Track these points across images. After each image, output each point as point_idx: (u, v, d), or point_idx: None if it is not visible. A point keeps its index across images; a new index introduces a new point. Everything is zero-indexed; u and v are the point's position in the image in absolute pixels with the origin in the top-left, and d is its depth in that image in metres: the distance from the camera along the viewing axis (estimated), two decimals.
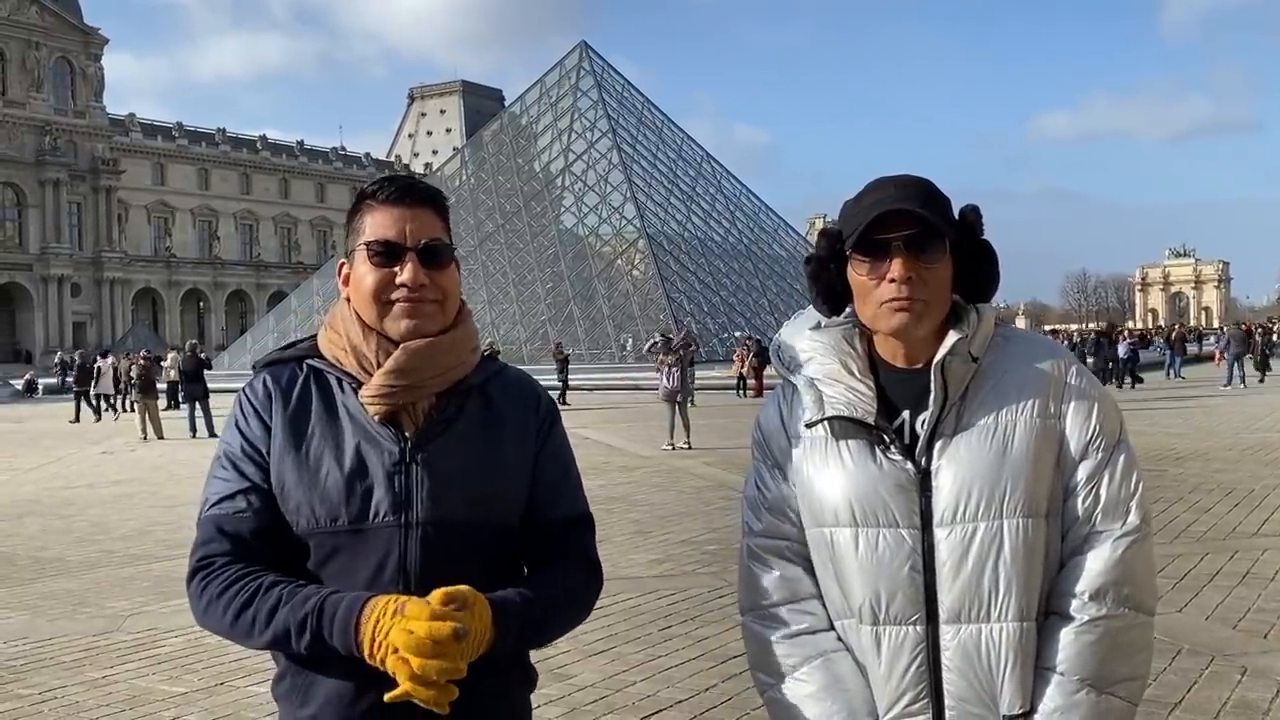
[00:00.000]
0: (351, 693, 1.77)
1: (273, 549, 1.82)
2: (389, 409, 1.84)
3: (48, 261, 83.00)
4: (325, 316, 1.98)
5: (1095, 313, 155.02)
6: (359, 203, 1.91)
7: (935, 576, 1.74)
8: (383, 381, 1.83)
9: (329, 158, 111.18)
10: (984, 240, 1.82)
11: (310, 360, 1.92)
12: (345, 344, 1.88)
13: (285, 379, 1.90)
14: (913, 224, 1.74)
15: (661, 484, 13.41)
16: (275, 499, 1.83)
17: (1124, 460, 1.80)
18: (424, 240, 1.85)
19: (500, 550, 1.88)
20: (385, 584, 1.77)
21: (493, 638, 1.73)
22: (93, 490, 14.64)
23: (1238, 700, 5.06)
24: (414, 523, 1.80)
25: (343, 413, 1.86)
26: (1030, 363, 1.81)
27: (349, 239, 1.91)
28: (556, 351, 34.06)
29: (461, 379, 1.89)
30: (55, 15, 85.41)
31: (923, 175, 1.84)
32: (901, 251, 1.74)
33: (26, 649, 6.58)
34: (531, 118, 60.07)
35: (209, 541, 1.82)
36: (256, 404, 1.88)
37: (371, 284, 1.84)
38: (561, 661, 5.93)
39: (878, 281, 1.76)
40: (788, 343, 1.92)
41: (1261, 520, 9.62)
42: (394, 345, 1.85)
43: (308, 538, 1.81)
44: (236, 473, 1.84)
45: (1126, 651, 1.74)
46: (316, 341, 1.94)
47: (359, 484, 1.80)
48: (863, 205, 1.79)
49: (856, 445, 1.79)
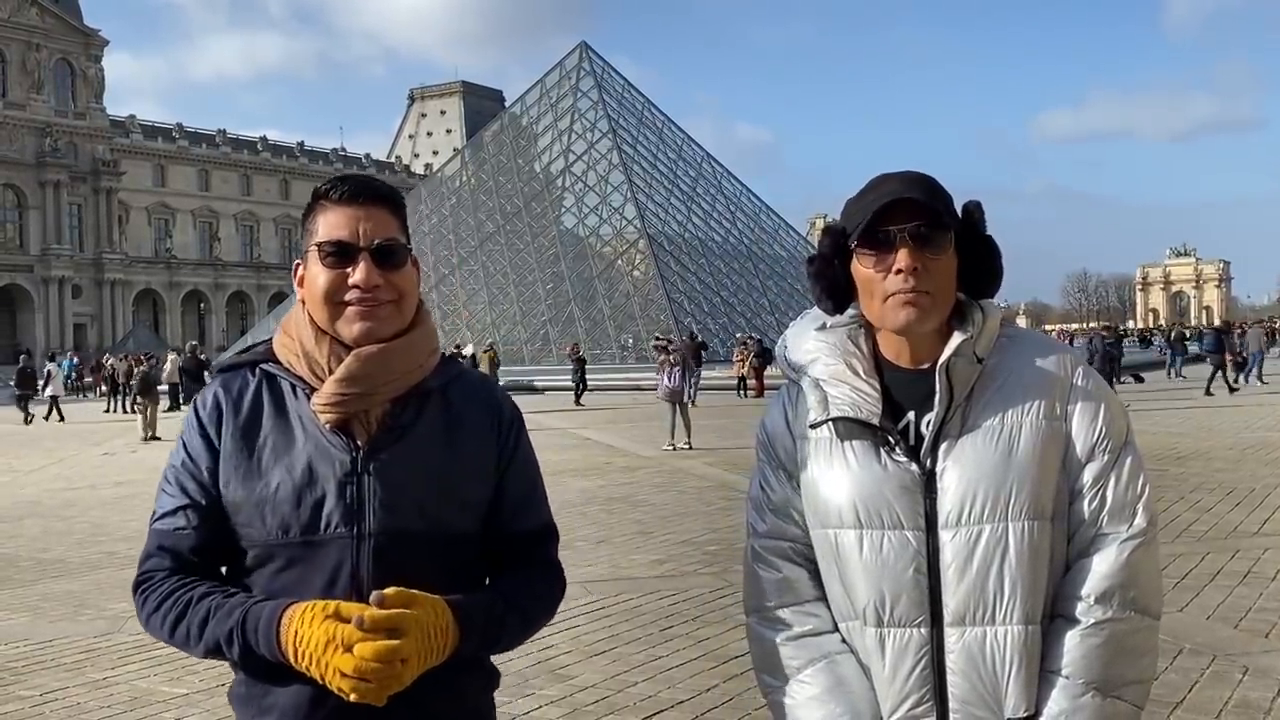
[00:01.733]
0: (308, 698, 1.75)
1: (214, 563, 1.83)
2: (340, 417, 1.80)
3: (48, 263, 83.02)
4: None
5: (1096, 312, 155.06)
6: (313, 202, 1.87)
7: (940, 579, 1.74)
8: (334, 389, 1.79)
9: (329, 159, 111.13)
10: (987, 235, 1.81)
11: (264, 365, 1.88)
12: (298, 348, 1.84)
13: (237, 387, 1.86)
14: (918, 215, 1.74)
15: (663, 484, 13.41)
16: (216, 515, 1.81)
17: (1131, 462, 1.78)
18: (378, 240, 1.81)
19: (459, 558, 1.84)
20: (338, 596, 1.74)
21: (456, 640, 1.71)
22: (94, 492, 14.64)
23: (1239, 700, 5.06)
24: (367, 533, 1.77)
25: (294, 420, 1.82)
26: (1036, 364, 1.80)
27: (303, 240, 1.88)
28: (572, 351, 33.92)
29: (419, 382, 1.85)
30: (55, 17, 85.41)
31: (924, 173, 1.84)
32: (907, 242, 1.74)
33: (28, 650, 6.58)
34: (532, 118, 60.05)
35: (150, 556, 1.83)
36: (203, 418, 1.85)
37: (324, 285, 1.80)
38: (563, 662, 5.93)
39: (884, 274, 1.75)
40: (793, 343, 1.91)
41: (1263, 519, 9.61)
42: (346, 350, 1.80)
43: (260, 549, 1.79)
44: (178, 488, 1.83)
45: (1132, 655, 1.73)
46: (272, 346, 1.90)
47: (309, 495, 1.77)
48: (866, 199, 1.78)
49: (861, 446, 1.78)
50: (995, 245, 1.82)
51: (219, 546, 1.82)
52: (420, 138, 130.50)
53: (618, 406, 29.34)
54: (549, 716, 5.13)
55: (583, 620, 6.82)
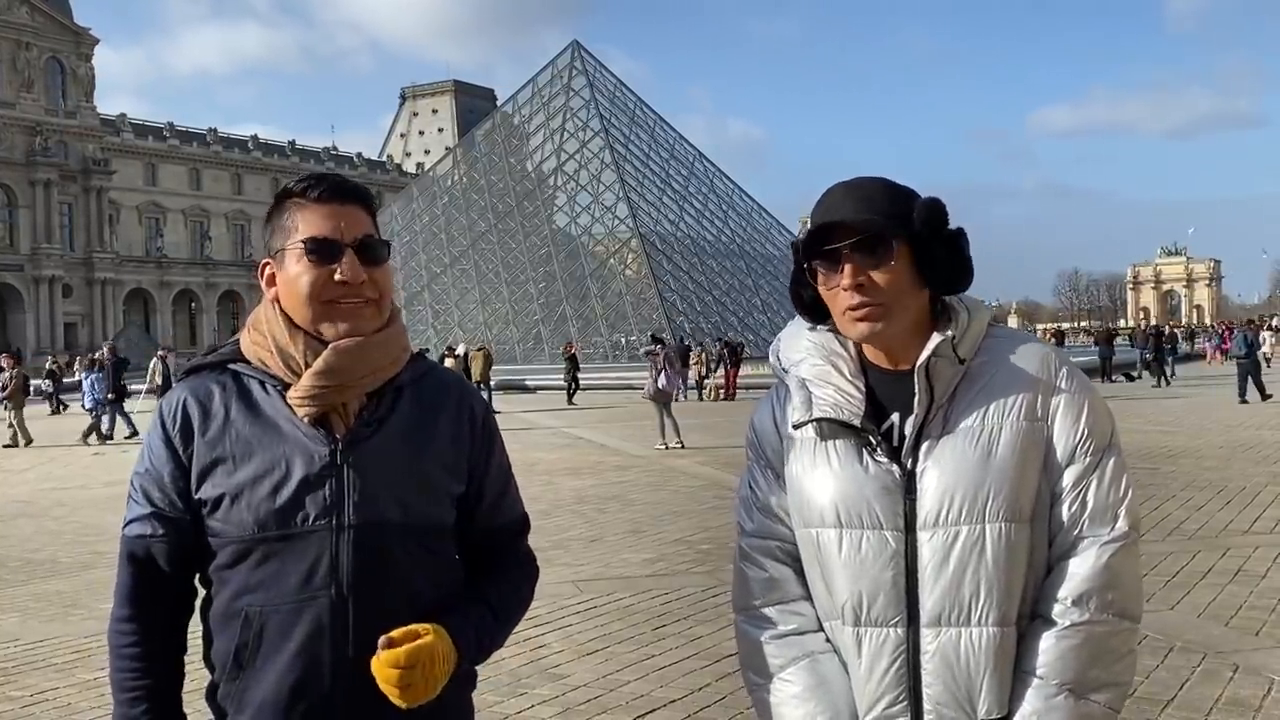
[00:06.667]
0: (286, 698, 1.79)
1: (184, 569, 1.87)
2: (318, 410, 1.81)
3: (39, 262, 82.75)
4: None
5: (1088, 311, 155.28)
6: (282, 201, 1.88)
7: (917, 579, 1.74)
8: (312, 382, 1.80)
9: (320, 158, 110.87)
10: (951, 231, 1.80)
11: (233, 365, 1.88)
12: (270, 345, 1.84)
13: (204, 391, 1.86)
14: (856, 231, 1.74)
15: (655, 483, 13.42)
16: (182, 520, 1.83)
17: (1113, 465, 1.77)
18: (359, 236, 1.83)
19: (436, 548, 1.88)
20: (315, 588, 1.78)
21: (457, 661, 1.78)
22: (85, 491, 14.60)
23: (1230, 697, 5.08)
24: (345, 525, 1.79)
25: (269, 417, 1.83)
26: (1019, 364, 1.79)
27: (272, 239, 1.87)
28: (566, 350, 33.91)
29: (393, 377, 1.88)
30: (46, 15, 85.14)
31: (912, 175, 1.84)
32: (850, 258, 1.74)
33: (18, 651, 6.57)
34: (524, 117, 60.09)
35: (122, 569, 1.87)
36: (168, 423, 1.85)
37: (308, 283, 1.80)
38: (555, 661, 5.93)
39: (835, 291, 1.77)
40: (786, 343, 1.92)
41: (1253, 518, 9.65)
42: (322, 345, 1.81)
43: (237, 545, 1.80)
44: (143, 495, 1.85)
45: (1108, 658, 1.72)
46: (239, 346, 1.90)
47: (286, 488, 1.78)
48: (814, 216, 1.80)
49: (844, 447, 1.79)
50: (963, 239, 1.80)
51: (187, 552, 1.85)
52: (412, 136, 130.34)
53: (610, 406, 29.34)
54: (541, 716, 5.13)
55: (575, 619, 6.83)
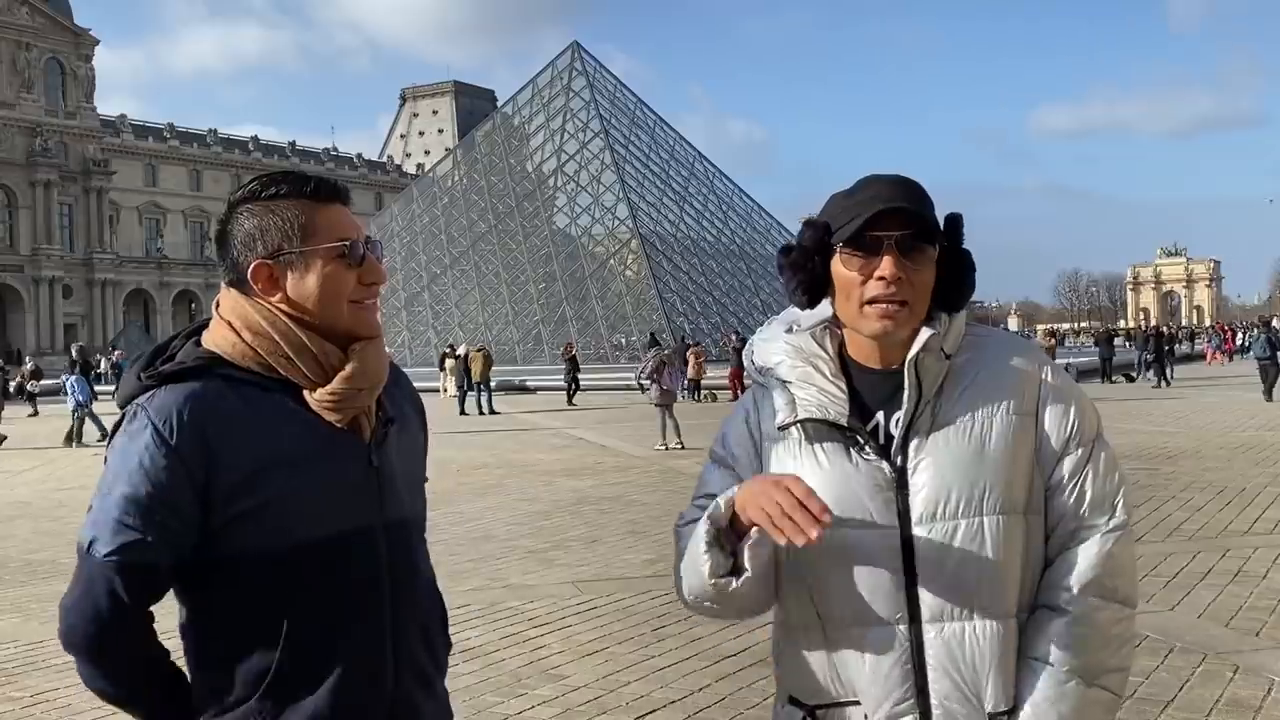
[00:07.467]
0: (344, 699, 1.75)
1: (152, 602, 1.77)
2: (353, 413, 1.79)
3: (39, 263, 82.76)
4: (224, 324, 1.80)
5: (1088, 312, 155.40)
6: (283, 198, 1.78)
7: (916, 576, 1.74)
8: (347, 385, 1.76)
9: (321, 159, 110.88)
10: (964, 249, 1.82)
11: (223, 372, 1.75)
12: (283, 349, 1.75)
13: (206, 399, 1.72)
14: (907, 224, 1.74)
15: (654, 484, 13.43)
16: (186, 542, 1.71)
17: (1105, 457, 1.81)
18: (368, 236, 1.83)
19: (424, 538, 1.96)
20: (365, 591, 1.77)
21: None
22: (85, 492, 14.46)
23: (1229, 698, 5.08)
24: (386, 524, 1.81)
25: (292, 424, 1.74)
26: (1005, 361, 1.81)
27: (285, 240, 1.76)
28: (566, 351, 33.93)
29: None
30: (46, 16, 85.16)
31: (911, 175, 1.83)
32: (893, 250, 1.74)
33: (18, 652, 6.57)
34: (524, 118, 60.09)
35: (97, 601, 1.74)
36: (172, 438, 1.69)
37: (347, 284, 1.78)
38: (555, 662, 5.93)
39: (865, 279, 1.76)
40: (761, 347, 1.91)
41: (1253, 519, 9.65)
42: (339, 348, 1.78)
43: (275, 558, 1.72)
44: (142, 519, 1.70)
45: (1115, 644, 1.76)
46: (208, 350, 1.77)
47: (334, 493, 1.75)
48: (855, 201, 1.78)
49: (831, 447, 1.79)
50: (970, 260, 1.82)
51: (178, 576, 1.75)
52: (412, 137, 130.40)
53: (610, 406, 29.34)
54: (541, 716, 5.13)
55: (575, 620, 6.83)
